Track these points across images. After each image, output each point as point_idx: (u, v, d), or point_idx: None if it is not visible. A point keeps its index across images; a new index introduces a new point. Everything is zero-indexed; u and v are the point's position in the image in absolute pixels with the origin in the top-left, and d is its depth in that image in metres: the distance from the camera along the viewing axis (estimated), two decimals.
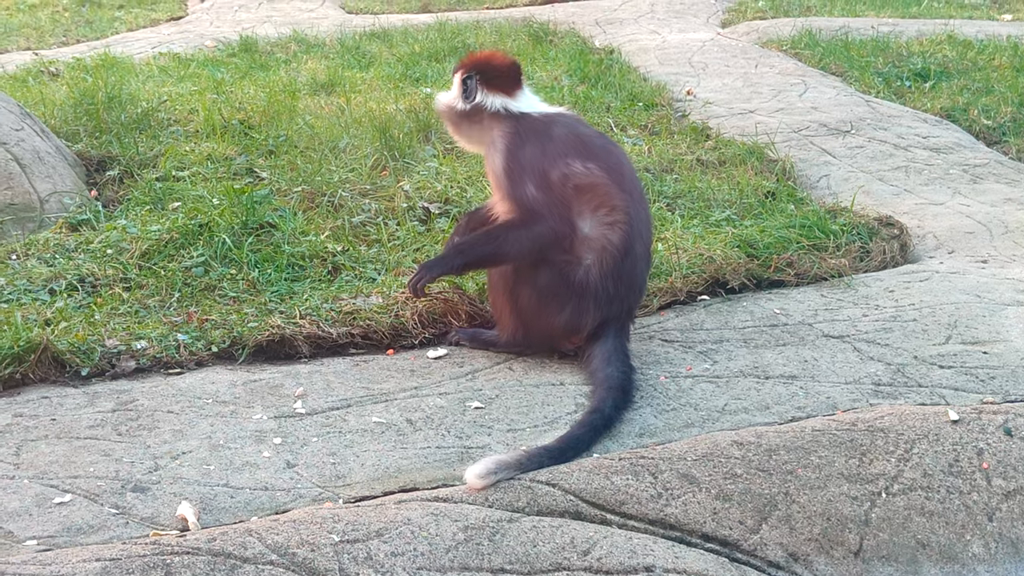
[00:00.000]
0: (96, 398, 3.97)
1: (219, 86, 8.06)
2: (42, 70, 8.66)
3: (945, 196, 6.16)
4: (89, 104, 7.05)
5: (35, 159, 5.79)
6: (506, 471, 3.34)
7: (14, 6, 12.15)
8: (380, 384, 4.10)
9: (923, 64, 8.88)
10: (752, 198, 5.87)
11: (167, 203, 5.67)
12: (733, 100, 7.99)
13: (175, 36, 10.76)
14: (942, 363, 4.16)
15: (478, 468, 3.31)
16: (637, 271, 4.16)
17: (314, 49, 9.82)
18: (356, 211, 5.62)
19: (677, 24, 11.05)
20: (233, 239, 5.16)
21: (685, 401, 3.94)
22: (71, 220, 5.57)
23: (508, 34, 10.22)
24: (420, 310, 4.56)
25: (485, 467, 3.32)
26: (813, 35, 9.94)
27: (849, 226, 5.43)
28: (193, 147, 6.51)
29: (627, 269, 4.09)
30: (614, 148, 4.32)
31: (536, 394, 4.00)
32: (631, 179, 4.21)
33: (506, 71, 4.35)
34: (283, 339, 4.39)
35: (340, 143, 6.53)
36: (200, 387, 4.06)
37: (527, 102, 4.32)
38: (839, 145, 6.97)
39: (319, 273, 5.03)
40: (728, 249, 5.10)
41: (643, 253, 4.19)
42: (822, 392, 3.98)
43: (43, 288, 4.83)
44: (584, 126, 4.38)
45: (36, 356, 4.10)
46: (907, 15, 11.27)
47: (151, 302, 4.73)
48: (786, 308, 4.73)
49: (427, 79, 8.37)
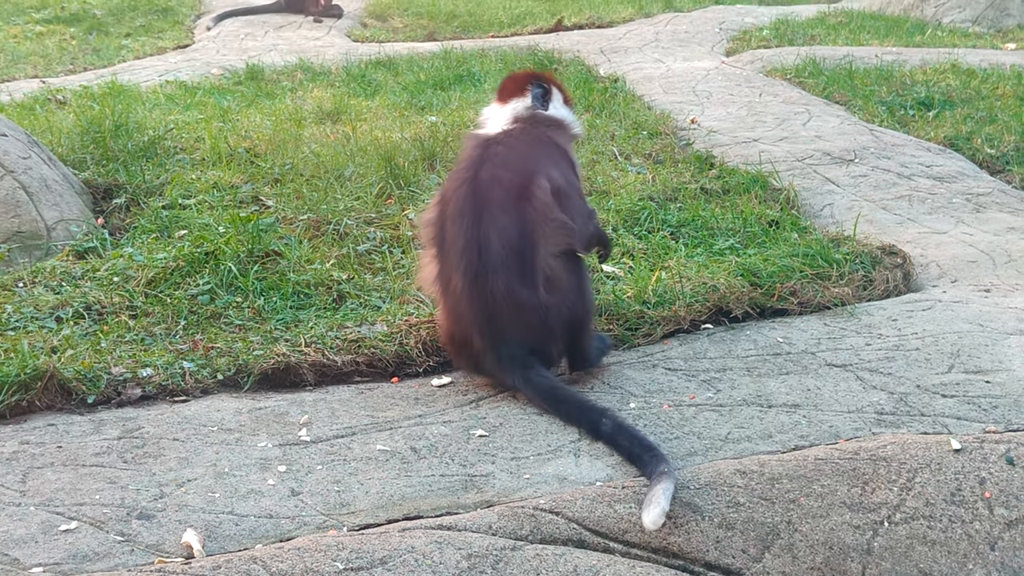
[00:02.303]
0: (102, 425, 3.99)
1: (225, 114, 8.10)
2: (49, 98, 8.70)
3: (948, 225, 6.18)
4: (96, 132, 7.09)
5: (42, 187, 5.83)
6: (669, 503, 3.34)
7: (22, 34, 12.20)
8: (384, 412, 4.11)
9: (927, 93, 8.91)
10: (756, 227, 5.88)
11: (173, 231, 5.70)
12: (737, 128, 8.01)
13: (182, 64, 10.81)
14: (945, 392, 4.17)
15: (654, 515, 3.29)
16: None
17: (320, 77, 9.87)
18: (361, 239, 5.65)
19: (681, 52, 11.09)
20: (239, 267, 5.19)
21: (688, 429, 3.95)
22: (78, 248, 5.61)
23: (513, 62, 10.25)
24: (424, 338, 4.58)
25: (661, 511, 3.30)
26: (817, 64, 9.98)
27: (852, 255, 5.44)
28: (199, 175, 6.54)
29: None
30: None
31: (539, 422, 4.01)
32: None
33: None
34: (288, 367, 4.41)
35: (346, 171, 6.56)
36: (205, 415, 4.08)
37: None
38: (843, 174, 6.99)
39: (324, 301, 5.06)
40: (732, 278, 5.12)
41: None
42: (825, 421, 3.98)
43: (50, 316, 4.85)
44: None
45: (43, 383, 4.12)
46: (911, 44, 11.31)
47: (157, 330, 4.75)
48: (789, 337, 4.74)
49: (432, 107, 8.40)
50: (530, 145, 4.29)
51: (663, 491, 3.33)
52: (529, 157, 4.23)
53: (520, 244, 4.09)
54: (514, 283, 4.09)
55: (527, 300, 4.10)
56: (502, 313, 4.11)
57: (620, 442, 3.76)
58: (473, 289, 4.11)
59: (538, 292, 4.11)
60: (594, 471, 3.67)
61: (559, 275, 4.14)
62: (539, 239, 4.10)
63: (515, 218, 4.10)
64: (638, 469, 3.61)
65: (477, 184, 4.16)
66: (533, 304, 4.11)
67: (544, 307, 4.11)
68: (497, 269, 4.09)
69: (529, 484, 3.59)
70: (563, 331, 4.21)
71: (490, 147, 4.28)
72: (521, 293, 4.09)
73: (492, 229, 4.09)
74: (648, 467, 3.54)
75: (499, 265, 4.09)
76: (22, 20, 12.90)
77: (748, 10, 13.61)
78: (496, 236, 4.09)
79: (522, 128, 4.36)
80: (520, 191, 4.12)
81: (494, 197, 4.12)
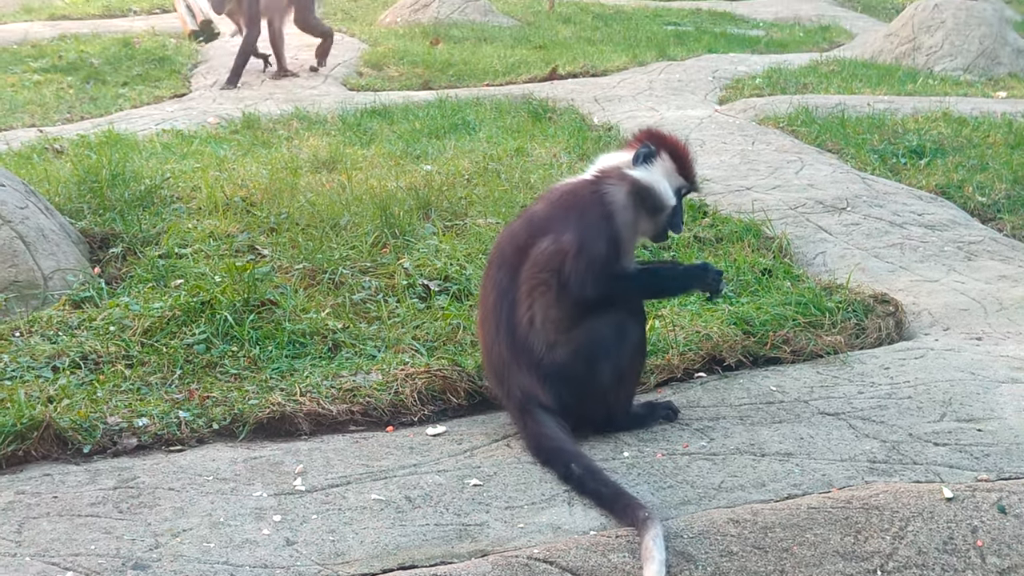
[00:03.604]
0: (98, 475, 4.00)
1: (222, 163, 8.15)
2: (47, 147, 8.74)
3: (940, 273, 6.22)
4: (93, 181, 7.13)
5: (39, 237, 5.86)
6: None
7: (19, 83, 12.26)
8: (379, 461, 4.13)
9: (918, 141, 8.96)
10: (749, 275, 5.92)
11: (169, 280, 5.73)
12: (730, 177, 8.06)
13: (178, 113, 10.87)
14: (937, 440, 4.19)
15: (654, 570, 3.34)
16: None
17: (316, 126, 9.92)
18: (357, 288, 5.68)
19: (675, 101, 11.15)
20: (235, 316, 5.21)
21: (682, 478, 3.97)
22: (74, 297, 5.63)
23: (508, 111, 10.32)
24: (419, 387, 4.61)
25: (660, 564, 3.35)
26: (809, 112, 10.04)
27: (845, 303, 5.47)
28: (195, 224, 6.57)
29: None
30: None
31: (533, 471, 4.03)
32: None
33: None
34: (283, 416, 4.43)
35: (341, 220, 6.59)
36: (201, 464, 4.09)
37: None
38: (835, 222, 7.03)
39: (320, 350, 5.08)
40: (725, 327, 5.15)
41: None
42: (818, 469, 4.00)
43: (46, 365, 4.87)
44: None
45: (39, 434, 4.14)
46: (902, 92, 11.38)
47: (153, 379, 4.77)
48: (782, 385, 4.77)
49: (427, 156, 8.45)
50: (571, 204, 4.28)
51: (654, 541, 3.36)
52: (555, 216, 4.26)
53: (509, 296, 4.22)
54: (502, 332, 4.23)
55: (510, 350, 4.23)
56: (499, 357, 4.27)
57: (588, 486, 3.84)
58: (480, 331, 4.41)
59: (516, 342, 4.21)
60: (588, 520, 3.69)
61: (555, 333, 4.19)
62: (523, 295, 4.18)
63: (511, 272, 4.23)
64: (612, 515, 3.67)
65: (503, 236, 4.42)
66: (516, 354, 4.22)
67: (531, 358, 4.20)
68: (489, 317, 4.29)
69: (523, 533, 3.60)
70: (561, 386, 4.22)
71: (542, 200, 4.43)
72: (506, 342, 4.23)
73: (496, 280, 4.27)
74: (623, 514, 3.63)
75: (491, 313, 4.28)
76: (20, 69, 12.97)
77: (741, 58, 13.70)
78: (494, 287, 4.26)
79: (589, 183, 4.34)
80: (524, 246, 4.23)
81: (506, 250, 4.31)
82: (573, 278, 4.13)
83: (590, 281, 4.15)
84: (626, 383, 4.32)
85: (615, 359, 4.22)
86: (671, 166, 4.43)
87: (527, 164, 8.02)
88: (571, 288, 4.13)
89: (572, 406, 4.22)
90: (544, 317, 4.16)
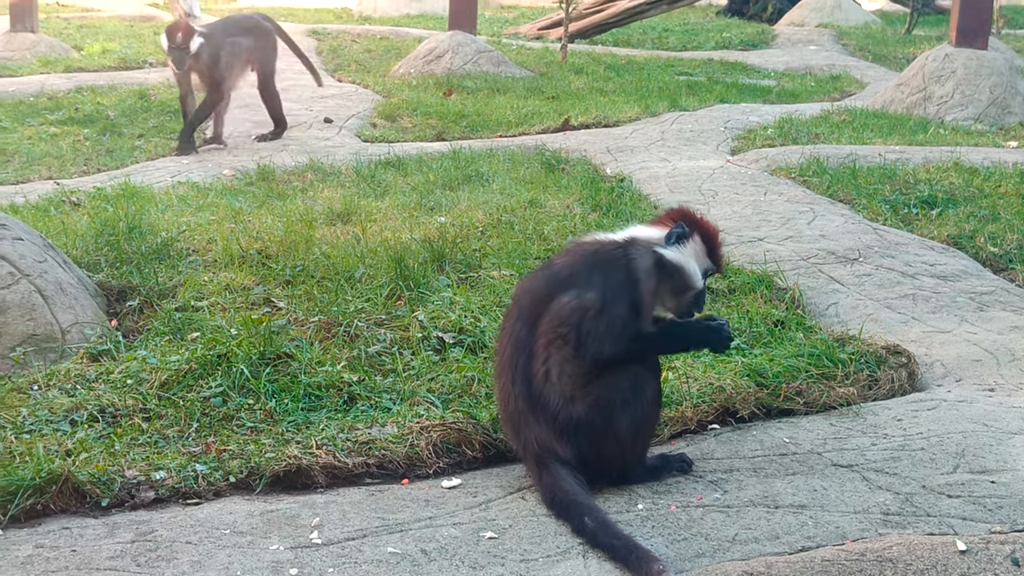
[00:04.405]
0: (116, 529, 4.04)
1: (237, 215, 8.20)
2: (64, 200, 8.80)
3: (952, 324, 6.24)
4: (110, 234, 7.19)
5: (57, 290, 5.91)
6: None
7: (36, 135, 12.33)
8: (395, 514, 4.16)
9: (930, 191, 8.99)
10: (761, 327, 5.95)
11: (186, 333, 5.77)
12: (743, 228, 8.10)
13: (194, 165, 10.93)
14: (950, 492, 4.21)
15: None
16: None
17: (330, 178, 9.97)
18: (372, 341, 5.71)
19: (687, 151, 11.20)
20: (251, 369, 5.25)
21: (696, 531, 3.99)
22: (92, 350, 5.67)
23: (521, 162, 10.37)
24: (435, 440, 4.64)
25: None
26: (821, 163, 10.08)
27: (857, 354, 5.50)
28: (211, 277, 6.62)
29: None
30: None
31: (548, 524, 4.05)
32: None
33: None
34: (300, 469, 4.46)
35: (356, 273, 6.63)
36: (218, 517, 4.13)
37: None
38: (847, 273, 7.06)
39: (335, 403, 5.11)
40: (738, 378, 5.18)
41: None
42: (831, 521, 4.02)
43: (64, 418, 4.91)
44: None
45: (57, 487, 4.18)
46: (913, 142, 11.41)
47: (170, 432, 4.81)
48: (795, 437, 4.79)
49: (441, 208, 8.49)
50: (597, 263, 4.33)
51: None
52: (580, 273, 4.31)
53: (526, 349, 4.27)
54: (519, 384, 4.28)
55: (526, 402, 4.28)
56: (516, 409, 4.32)
57: (601, 539, 3.89)
58: (496, 383, 4.46)
59: (532, 394, 4.26)
60: (602, 573, 3.71)
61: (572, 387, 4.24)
62: (540, 348, 4.24)
63: (528, 324, 4.29)
64: (627, 568, 3.71)
65: (521, 288, 4.50)
66: (532, 406, 4.27)
67: (548, 411, 4.23)
68: (506, 369, 4.34)
69: None
70: (579, 439, 4.26)
71: (565, 254, 4.48)
72: (522, 394, 4.29)
73: (513, 331, 4.33)
74: (637, 567, 3.69)
75: (507, 365, 4.34)
76: (37, 121, 13.05)
77: (753, 108, 13.75)
78: (511, 338, 4.33)
79: (619, 246, 4.38)
80: (544, 299, 4.29)
81: (524, 302, 4.37)
82: (592, 335, 4.18)
83: (608, 340, 4.20)
84: (642, 436, 4.36)
85: (632, 412, 4.26)
86: (701, 248, 4.49)
87: (541, 216, 8.06)
88: (589, 345, 4.18)
89: (589, 459, 4.25)
90: (561, 371, 4.20)
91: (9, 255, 5.89)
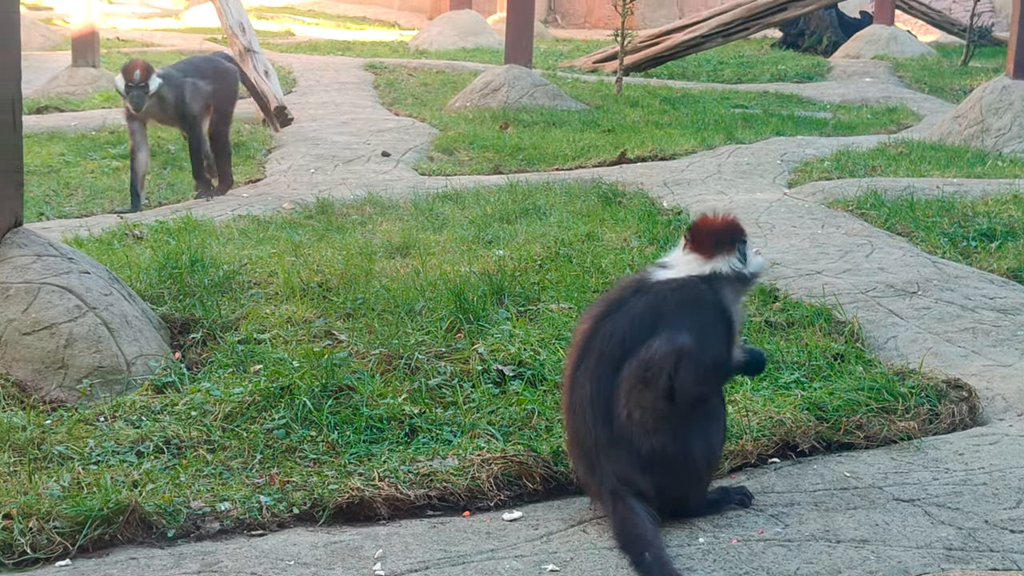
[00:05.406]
0: (182, 559, 4.09)
1: (297, 248, 8.27)
2: (127, 233, 8.91)
3: (1013, 358, 6.21)
4: (173, 267, 7.27)
5: (123, 323, 6.00)
6: None
7: (99, 169, 12.49)
8: (457, 546, 4.19)
9: (989, 224, 8.94)
10: (820, 360, 5.94)
11: (249, 366, 5.84)
12: (800, 261, 8.10)
13: (254, 198, 11.03)
14: (1013, 527, 4.20)
15: None
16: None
17: (389, 211, 10.03)
18: (432, 373, 5.75)
19: (744, 184, 11.20)
20: (313, 401, 5.31)
21: (757, 564, 4.00)
22: (156, 382, 5.75)
23: (578, 195, 10.39)
24: (496, 472, 4.68)
25: None
26: (879, 195, 10.05)
27: (917, 388, 5.49)
28: (273, 310, 6.69)
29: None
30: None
31: (610, 557, 4.07)
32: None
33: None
34: (362, 501, 4.51)
35: (416, 306, 6.68)
36: (282, 549, 4.17)
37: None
38: (906, 306, 7.04)
39: (397, 435, 5.15)
40: (797, 412, 5.18)
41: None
42: (893, 556, 4.02)
43: (130, 450, 4.98)
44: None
45: (124, 518, 4.24)
46: (972, 175, 11.35)
47: (234, 464, 4.87)
48: (856, 471, 4.79)
49: (499, 241, 8.54)
50: (682, 303, 4.36)
51: None
52: (666, 314, 4.34)
53: (608, 390, 4.30)
54: (599, 423, 4.30)
55: (607, 439, 4.29)
56: (593, 446, 4.33)
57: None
58: (568, 419, 4.43)
59: (614, 433, 4.27)
60: None
61: (654, 421, 4.27)
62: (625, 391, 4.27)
63: (611, 366, 4.31)
64: None
65: (592, 325, 4.44)
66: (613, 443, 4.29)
67: (630, 446, 4.28)
68: (586, 408, 4.33)
69: None
70: (659, 471, 4.29)
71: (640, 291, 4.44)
72: (603, 433, 4.29)
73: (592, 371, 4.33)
74: None
75: (587, 404, 4.33)
76: (99, 155, 13.21)
77: (809, 141, 13.72)
78: (590, 378, 4.33)
79: (694, 283, 4.42)
80: (628, 342, 4.31)
81: (603, 344, 4.35)
82: (690, 381, 4.24)
83: (703, 380, 4.29)
84: (713, 466, 4.40)
85: (707, 440, 4.32)
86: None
87: (598, 249, 8.09)
88: (686, 389, 4.23)
89: (667, 490, 4.28)
90: (644, 409, 4.23)
91: (76, 288, 5.99)
